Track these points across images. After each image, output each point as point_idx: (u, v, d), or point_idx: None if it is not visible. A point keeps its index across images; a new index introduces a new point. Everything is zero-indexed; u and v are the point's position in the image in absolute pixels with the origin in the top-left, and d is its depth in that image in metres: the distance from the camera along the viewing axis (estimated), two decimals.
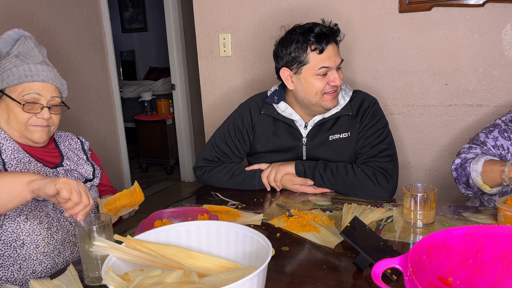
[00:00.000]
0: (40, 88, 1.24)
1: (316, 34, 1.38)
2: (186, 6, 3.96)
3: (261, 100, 1.59)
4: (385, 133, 1.47)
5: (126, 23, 6.62)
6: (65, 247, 1.25)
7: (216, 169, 1.55)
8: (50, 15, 2.63)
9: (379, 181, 1.37)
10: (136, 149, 4.79)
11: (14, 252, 1.17)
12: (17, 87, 1.22)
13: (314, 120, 1.51)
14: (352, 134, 1.50)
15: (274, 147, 1.56)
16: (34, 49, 1.27)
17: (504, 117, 1.44)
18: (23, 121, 1.23)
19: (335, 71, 1.42)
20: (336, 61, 1.41)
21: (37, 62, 1.25)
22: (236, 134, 1.59)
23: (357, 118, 1.50)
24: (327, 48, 1.39)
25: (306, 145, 1.52)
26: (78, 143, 1.46)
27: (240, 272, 0.78)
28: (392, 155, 1.45)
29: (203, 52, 2.33)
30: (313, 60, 1.40)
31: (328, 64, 1.40)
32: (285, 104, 1.53)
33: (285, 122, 1.54)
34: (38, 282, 0.89)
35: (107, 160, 3.18)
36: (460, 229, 0.77)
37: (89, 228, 0.94)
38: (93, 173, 1.41)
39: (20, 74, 1.22)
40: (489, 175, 1.28)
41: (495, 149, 1.40)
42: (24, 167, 1.20)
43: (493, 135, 1.42)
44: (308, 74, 1.42)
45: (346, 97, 1.51)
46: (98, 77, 3.06)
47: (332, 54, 1.40)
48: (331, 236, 1.11)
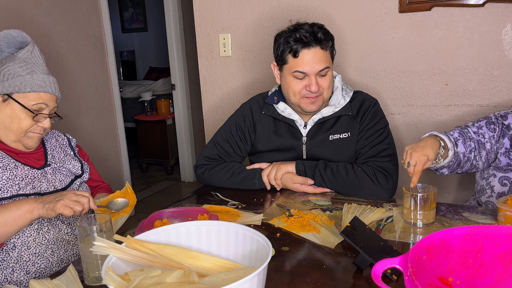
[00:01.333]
0: (48, 99, 1.27)
1: (295, 38, 1.38)
2: (186, 6, 3.96)
3: (262, 100, 1.61)
4: (385, 133, 1.48)
5: (126, 23, 6.62)
6: (59, 246, 1.25)
7: (217, 168, 1.56)
8: (50, 15, 2.63)
9: (379, 181, 1.37)
10: (136, 149, 4.79)
11: (6, 255, 1.18)
12: (28, 94, 1.23)
13: (313, 119, 1.51)
14: (352, 134, 1.50)
15: (275, 146, 1.56)
16: (40, 57, 1.28)
17: (498, 112, 1.44)
18: (25, 128, 1.25)
19: (313, 76, 1.40)
20: (314, 68, 1.38)
21: (45, 72, 1.28)
22: (238, 133, 1.60)
23: (357, 118, 1.50)
24: (303, 52, 1.37)
25: (306, 144, 1.53)
26: (65, 139, 1.47)
27: (240, 272, 0.78)
28: (392, 155, 1.45)
29: (203, 52, 2.33)
30: (290, 62, 1.41)
31: (302, 69, 1.39)
32: (284, 105, 1.53)
33: (285, 122, 1.55)
34: (38, 282, 0.89)
35: (107, 160, 3.18)
36: (460, 229, 0.77)
37: (89, 228, 0.94)
38: (82, 168, 1.42)
39: (34, 82, 1.23)
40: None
41: (475, 135, 1.40)
42: (11, 173, 1.21)
43: (479, 124, 1.42)
44: (287, 73, 1.44)
45: (346, 97, 1.51)
46: (98, 77, 3.06)
47: (311, 60, 1.38)
48: (331, 236, 1.11)
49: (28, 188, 1.23)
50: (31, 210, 1.13)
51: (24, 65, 1.24)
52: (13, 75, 1.22)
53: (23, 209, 1.12)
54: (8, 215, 1.11)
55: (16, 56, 1.25)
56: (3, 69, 1.23)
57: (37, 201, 1.14)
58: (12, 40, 1.26)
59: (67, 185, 1.33)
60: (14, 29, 1.28)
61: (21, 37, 1.27)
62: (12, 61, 1.24)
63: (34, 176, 1.26)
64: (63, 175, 1.33)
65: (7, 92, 1.22)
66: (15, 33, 1.26)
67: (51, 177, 1.30)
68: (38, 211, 1.13)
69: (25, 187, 1.22)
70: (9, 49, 1.27)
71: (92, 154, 2.93)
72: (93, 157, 2.94)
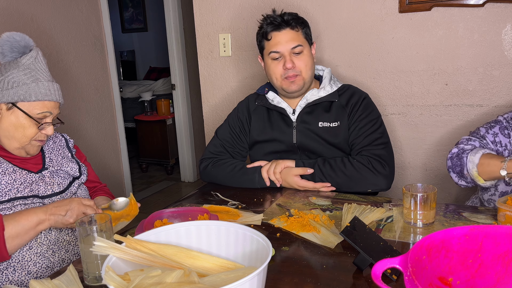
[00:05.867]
0: (52, 107, 1.27)
1: (267, 22, 1.53)
2: (186, 6, 3.96)
3: (257, 93, 1.70)
4: (377, 124, 1.52)
5: (126, 23, 6.61)
6: (60, 246, 1.25)
7: (221, 162, 1.60)
8: (50, 15, 2.63)
9: (376, 168, 1.41)
10: (136, 149, 4.79)
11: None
12: (33, 103, 1.22)
13: (300, 105, 1.58)
14: (341, 124, 1.54)
15: (270, 136, 1.62)
16: (43, 63, 1.27)
17: (506, 114, 1.45)
18: (30, 136, 1.25)
19: (288, 55, 1.51)
20: (286, 46, 1.50)
21: (49, 79, 1.26)
22: (238, 124, 1.68)
23: (346, 108, 1.55)
24: (274, 34, 1.51)
25: (296, 129, 1.58)
26: (62, 140, 1.46)
27: (240, 272, 0.78)
28: (385, 143, 1.49)
29: (203, 52, 2.33)
30: (266, 46, 1.55)
31: (276, 49, 1.51)
32: (273, 94, 1.63)
33: (278, 111, 1.62)
34: (38, 282, 0.89)
35: (107, 160, 3.18)
36: (460, 229, 0.77)
37: (89, 228, 0.94)
38: (79, 170, 1.42)
39: (39, 91, 1.22)
40: (486, 168, 1.29)
41: (493, 144, 1.41)
42: (10, 178, 1.21)
43: (494, 131, 1.42)
44: (266, 59, 1.57)
45: (333, 86, 1.59)
46: (98, 77, 3.06)
47: (283, 40, 1.50)
48: (331, 236, 1.11)
49: (26, 191, 1.22)
50: (42, 221, 1.14)
51: (28, 73, 1.22)
52: (17, 83, 1.21)
53: (33, 221, 1.13)
54: (19, 227, 1.11)
55: (20, 62, 1.23)
56: (7, 76, 1.21)
57: (46, 213, 1.14)
58: (15, 45, 1.23)
59: (66, 187, 1.33)
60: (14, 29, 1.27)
61: (24, 41, 1.24)
62: (16, 68, 1.22)
63: (32, 180, 1.26)
64: (61, 178, 1.33)
65: (11, 101, 1.21)
66: (18, 37, 1.23)
67: (49, 180, 1.30)
68: (50, 222, 1.15)
69: (23, 190, 1.22)
70: (12, 54, 1.24)
71: (92, 154, 2.93)
72: (93, 157, 2.94)
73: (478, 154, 1.32)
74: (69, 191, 1.33)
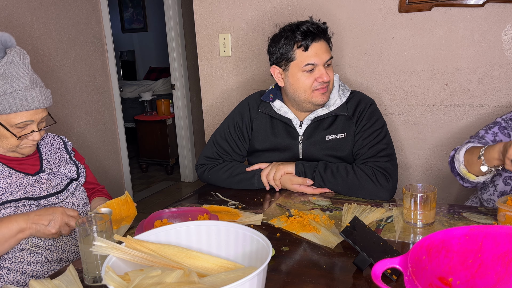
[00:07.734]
0: (32, 114, 1.22)
1: (302, 31, 1.41)
2: (186, 6, 3.96)
3: (259, 98, 1.62)
4: (383, 133, 1.48)
5: (126, 23, 6.62)
6: (56, 246, 1.24)
7: (217, 167, 1.56)
8: (50, 15, 2.63)
9: (379, 181, 1.37)
10: (136, 149, 4.79)
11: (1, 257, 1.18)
12: (10, 115, 1.18)
13: (309, 118, 1.52)
14: (348, 134, 1.50)
15: (271, 145, 1.56)
16: (19, 65, 1.18)
17: (505, 115, 1.45)
18: (14, 144, 1.24)
19: (322, 67, 1.43)
20: (322, 58, 1.43)
21: (26, 85, 1.18)
22: (236, 131, 1.61)
23: (353, 119, 1.50)
24: (312, 45, 1.41)
25: (302, 143, 1.53)
26: (60, 143, 1.45)
27: (240, 272, 0.78)
28: (391, 154, 1.45)
29: (203, 52, 2.33)
30: (299, 57, 1.43)
31: (313, 61, 1.42)
32: (281, 103, 1.55)
33: (282, 121, 1.55)
34: (38, 282, 0.89)
35: (107, 160, 3.18)
36: (460, 229, 0.77)
37: (89, 228, 0.94)
38: (77, 172, 1.41)
39: (15, 102, 1.17)
40: (470, 164, 1.28)
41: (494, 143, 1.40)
42: (5, 182, 1.21)
43: (493, 131, 1.42)
44: (295, 70, 1.45)
45: (343, 97, 1.52)
46: (98, 77, 3.06)
47: (319, 51, 1.42)
48: (331, 236, 1.11)
49: (19, 194, 1.22)
50: (23, 230, 1.13)
51: (2, 84, 1.16)
52: None
53: (14, 229, 1.12)
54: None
55: None
56: None
57: (28, 221, 1.13)
58: None
59: (63, 188, 1.33)
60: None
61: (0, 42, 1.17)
62: None
63: (28, 183, 1.25)
64: (58, 179, 1.32)
65: None
66: None
67: (46, 182, 1.29)
68: (30, 231, 1.13)
69: (17, 193, 1.22)
70: None
71: (92, 154, 2.93)
72: (93, 157, 2.94)
73: (462, 150, 1.30)
74: (66, 191, 1.33)
